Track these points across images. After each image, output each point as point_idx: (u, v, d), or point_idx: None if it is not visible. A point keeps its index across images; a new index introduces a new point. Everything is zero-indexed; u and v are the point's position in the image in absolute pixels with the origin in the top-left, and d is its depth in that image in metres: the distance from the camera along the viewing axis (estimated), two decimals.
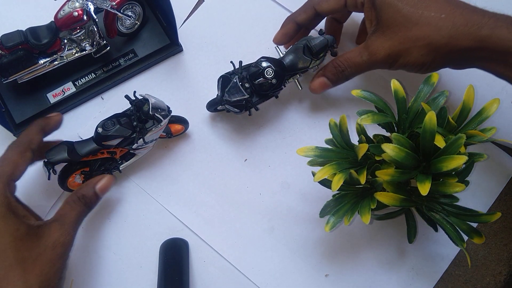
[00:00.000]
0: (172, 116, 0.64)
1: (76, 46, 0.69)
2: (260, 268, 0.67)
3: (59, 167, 0.63)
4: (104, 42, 0.71)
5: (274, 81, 0.63)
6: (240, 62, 0.66)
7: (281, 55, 0.70)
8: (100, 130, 0.59)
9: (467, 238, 0.56)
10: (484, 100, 0.57)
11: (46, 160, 0.60)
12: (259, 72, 0.63)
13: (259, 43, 0.78)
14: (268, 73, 0.63)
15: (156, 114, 0.60)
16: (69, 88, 0.72)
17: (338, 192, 0.58)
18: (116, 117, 0.61)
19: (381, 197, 0.54)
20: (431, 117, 0.50)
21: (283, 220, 0.69)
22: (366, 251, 0.68)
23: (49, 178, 0.61)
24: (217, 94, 0.67)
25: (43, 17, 0.67)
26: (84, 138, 0.63)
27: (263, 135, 0.74)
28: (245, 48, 0.79)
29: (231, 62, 0.66)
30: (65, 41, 0.68)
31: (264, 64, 0.63)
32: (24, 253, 0.50)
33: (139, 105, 0.60)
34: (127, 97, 0.61)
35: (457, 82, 0.71)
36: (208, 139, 0.73)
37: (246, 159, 0.72)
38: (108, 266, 0.67)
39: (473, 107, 0.57)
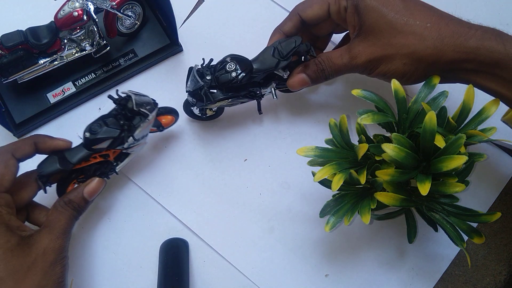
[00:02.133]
0: (159, 108, 0.64)
1: (76, 46, 0.69)
2: (260, 268, 0.67)
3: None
4: (104, 42, 0.71)
5: (234, 73, 0.63)
6: (210, 60, 0.66)
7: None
8: (87, 134, 0.58)
9: (467, 238, 0.56)
10: (484, 100, 0.57)
11: (38, 174, 0.60)
12: (222, 66, 0.63)
13: (258, 43, 0.78)
14: (230, 66, 0.63)
15: (141, 110, 0.59)
16: (69, 88, 0.72)
17: (338, 192, 0.58)
18: (101, 119, 0.60)
19: (381, 197, 0.54)
20: (431, 117, 0.50)
21: (283, 220, 0.69)
22: (366, 251, 0.68)
23: (45, 192, 0.60)
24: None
25: (43, 17, 0.67)
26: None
27: (263, 135, 0.74)
28: (245, 48, 0.78)
29: (203, 59, 0.66)
30: (65, 41, 0.68)
31: (228, 59, 0.64)
32: (16, 265, 0.49)
33: (123, 103, 0.60)
34: (110, 97, 0.60)
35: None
36: (208, 139, 0.73)
37: (246, 159, 0.72)
38: (108, 266, 0.67)
39: (473, 107, 0.57)
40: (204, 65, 0.66)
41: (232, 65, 0.63)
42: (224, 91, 0.65)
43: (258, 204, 0.70)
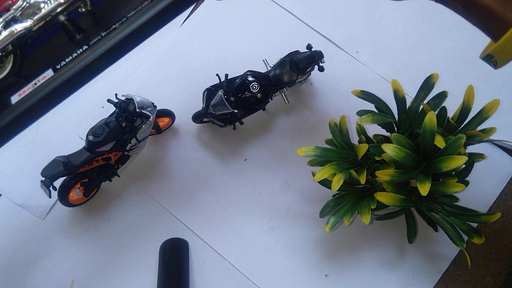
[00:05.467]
0: (157, 110, 0.65)
1: None
2: (260, 268, 0.67)
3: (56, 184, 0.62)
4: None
5: (259, 95, 0.63)
6: (226, 75, 0.66)
7: (269, 69, 0.70)
8: (91, 138, 0.59)
9: (467, 238, 0.56)
10: (484, 100, 0.57)
11: (43, 179, 0.60)
12: (245, 86, 0.63)
13: (258, 43, 0.78)
14: (254, 87, 0.63)
15: (143, 111, 0.60)
16: (46, 76, 0.48)
17: (338, 192, 0.58)
18: (104, 122, 0.61)
19: (381, 197, 0.54)
20: (431, 117, 0.50)
21: (283, 220, 0.69)
22: (366, 251, 0.68)
23: (50, 196, 0.61)
24: (202, 107, 0.67)
25: None
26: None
27: (263, 135, 0.74)
28: (244, 48, 0.79)
29: (217, 75, 0.67)
30: None
31: (250, 78, 0.63)
32: None
33: (123, 106, 0.60)
34: (109, 101, 0.61)
35: (457, 82, 0.71)
36: (208, 139, 0.73)
37: (246, 159, 0.72)
38: (108, 266, 0.67)
39: (473, 107, 0.57)
40: (223, 83, 0.65)
41: (256, 85, 0.63)
42: (246, 110, 0.66)
43: (258, 204, 0.70)
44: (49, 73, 0.35)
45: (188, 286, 0.64)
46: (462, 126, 0.58)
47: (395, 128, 0.59)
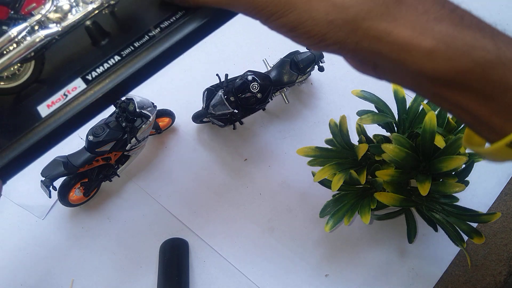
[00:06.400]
0: (157, 110, 0.65)
1: None
2: (260, 268, 0.67)
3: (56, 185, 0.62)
4: None
5: (259, 95, 0.63)
6: (226, 75, 0.66)
7: (269, 69, 0.70)
8: (91, 137, 0.59)
9: (467, 238, 0.56)
10: None
11: (43, 178, 0.60)
12: (245, 86, 0.63)
13: (258, 43, 0.79)
14: (254, 87, 0.63)
15: (143, 111, 0.60)
16: (76, 87, 0.37)
17: (338, 192, 0.58)
18: (104, 122, 0.61)
19: (381, 197, 0.54)
20: (431, 117, 0.50)
21: (283, 220, 0.69)
22: (366, 251, 0.68)
23: (50, 196, 0.61)
24: (202, 107, 0.67)
25: None
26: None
27: (263, 135, 0.74)
28: (244, 48, 0.79)
29: (217, 74, 0.67)
30: None
31: (250, 78, 0.63)
32: None
33: (123, 106, 0.61)
34: None
35: None
36: (208, 139, 0.73)
37: (246, 159, 0.72)
38: (108, 266, 0.67)
39: None
40: (223, 83, 0.65)
41: (256, 85, 0.63)
42: (246, 110, 0.66)
43: (258, 204, 0.70)
44: (79, 83, 0.29)
45: (188, 286, 0.64)
46: (462, 126, 0.58)
47: (395, 128, 0.59)
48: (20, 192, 0.71)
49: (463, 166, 0.55)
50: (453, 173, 0.54)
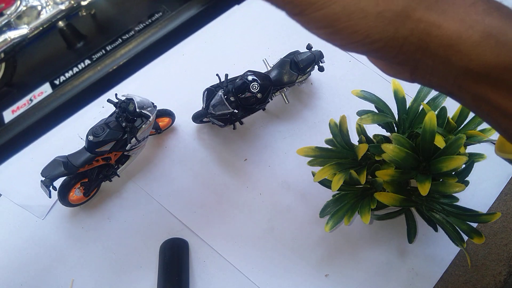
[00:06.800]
0: (157, 110, 0.65)
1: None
2: (260, 268, 0.67)
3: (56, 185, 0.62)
4: None
5: (259, 95, 0.63)
6: (226, 75, 0.66)
7: (269, 69, 0.70)
8: (91, 137, 0.59)
9: (467, 238, 0.56)
10: None
11: (43, 178, 0.60)
12: (245, 86, 0.63)
13: (258, 43, 0.78)
14: (254, 87, 0.63)
15: (143, 111, 0.60)
16: (43, 92, 0.34)
17: (338, 192, 0.58)
18: (104, 122, 0.61)
19: (381, 197, 0.54)
20: (431, 117, 0.50)
21: (283, 220, 0.69)
22: (366, 251, 0.68)
23: (50, 196, 0.61)
24: (202, 107, 0.67)
25: None
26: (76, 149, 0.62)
27: (263, 135, 0.74)
28: (245, 48, 0.79)
29: (217, 74, 0.67)
30: None
31: (250, 78, 0.63)
32: None
33: (123, 106, 0.61)
34: (109, 100, 0.61)
35: None
36: (208, 139, 0.73)
37: (246, 159, 0.72)
38: (108, 266, 0.67)
39: None
40: (223, 83, 0.65)
41: (256, 85, 0.63)
42: (246, 110, 0.66)
43: (258, 204, 0.70)
44: (47, 88, 0.28)
45: (188, 286, 0.64)
46: (462, 126, 0.58)
47: (395, 128, 0.59)
48: (20, 192, 0.71)
49: (463, 166, 0.55)
50: (453, 173, 0.54)
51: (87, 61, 0.30)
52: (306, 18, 0.26)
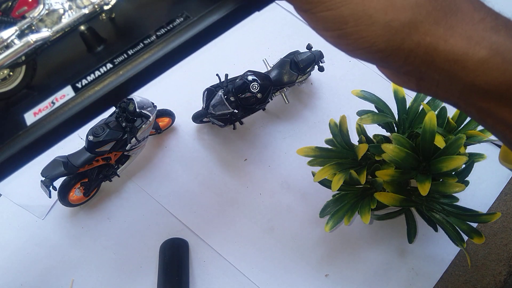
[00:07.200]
0: (157, 110, 0.65)
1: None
2: (260, 268, 0.67)
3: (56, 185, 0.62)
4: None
5: (259, 95, 0.63)
6: (226, 75, 0.66)
7: (269, 69, 0.70)
8: (91, 137, 0.59)
9: (467, 238, 0.56)
10: None
11: (43, 178, 0.60)
12: (245, 86, 0.63)
13: (258, 43, 0.79)
14: (254, 87, 0.63)
15: (143, 111, 0.60)
16: (65, 95, 0.33)
17: (338, 192, 0.58)
18: (104, 122, 0.61)
19: (381, 197, 0.54)
20: (431, 117, 0.50)
21: (283, 220, 0.69)
22: (366, 251, 0.68)
23: (50, 196, 0.61)
24: (202, 107, 0.67)
25: None
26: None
27: (263, 135, 0.74)
28: (245, 48, 0.79)
29: (217, 74, 0.67)
30: None
31: (250, 78, 0.63)
32: None
33: (123, 106, 0.61)
34: None
35: None
36: (208, 139, 0.73)
37: (246, 159, 0.72)
38: (108, 266, 0.67)
39: None
40: (223, 83, 0.65)
41: (256, 85, 0.63)
42: (246, 110, 0.66)
43: (258, 204, 0.70)
44: (68, 91, 0.27)
45: (188, 286, 0.64)
46: (462, 126, 0.58)
47: (395, 128, 0.59)
48: (20, 192, 0.71)
49: (463, 166, 0.55)
50: (453, 173, 0.54)
51: (109, 65, 0.30)
52: (314, 16, 0.26)
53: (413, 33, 0.25)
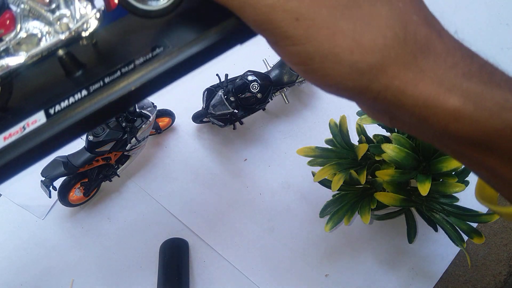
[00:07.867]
0: (157, 110, 0.65)
1: (46, 25, 0.30)
2: (260, 268, 0.67)
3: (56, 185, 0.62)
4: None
5: (259, 95, 0.63)
6: (226, 75, 0.66)
7: (269, 69, 0.70)
8: (91, 137, 0.59)
9: (467, 238, 0.56)
10: None
11: (43, 178, 0.60)
12: (245, 86, 0.63)
13: (258, 43, 0.78)
14: (254, 87, 0.63)
15: (143, 111, 0.60)
16: (36, 120, 0.32)
17: (338, 192, 0.58)
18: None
19: (381, 197, 0.54)
20: None
21: (283, 220, 0.69)
22: (366, 251, 0.68)
23: (50, 196, 0.61)
24: (202, 107, 0.67)
25: None
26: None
27: (263, 135, 0.74)
28: (245, 48, 0.78)
29: (217, 75, 0.67)
30: (23, 6, 0.29)
31: (250, 78, 0.63)
32: None
33: None
34: None
35: None
36: (208, 139, 0.73)
37: (246, 159, 0.72)
38: (108, 266, 0.67)
39: None
40: (223, 83, 0.65)
41: (256, 85, 0.63)
42: (246, 110, 0.66)
43: (258, 204, 0.70)
44: (41, 116, 0.25)
45: (188, 286, 0.64)
46: None
47: (395, 128, 0.59)
48: (20, 192, 0.71)
49: (463, 166, 0.55)
50: (453, 173, 0.54)
51: (84, 92, 0.29)
52: (282, 50, 0.25)
53: (381, 75, 0.24)
